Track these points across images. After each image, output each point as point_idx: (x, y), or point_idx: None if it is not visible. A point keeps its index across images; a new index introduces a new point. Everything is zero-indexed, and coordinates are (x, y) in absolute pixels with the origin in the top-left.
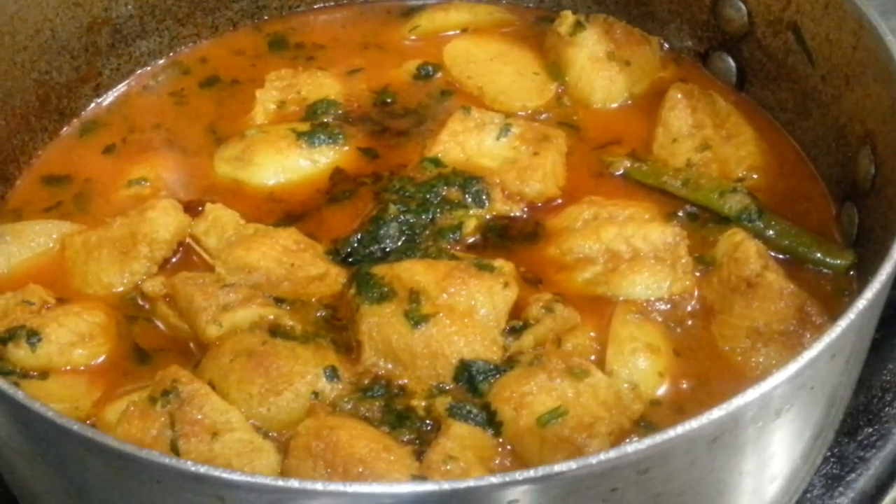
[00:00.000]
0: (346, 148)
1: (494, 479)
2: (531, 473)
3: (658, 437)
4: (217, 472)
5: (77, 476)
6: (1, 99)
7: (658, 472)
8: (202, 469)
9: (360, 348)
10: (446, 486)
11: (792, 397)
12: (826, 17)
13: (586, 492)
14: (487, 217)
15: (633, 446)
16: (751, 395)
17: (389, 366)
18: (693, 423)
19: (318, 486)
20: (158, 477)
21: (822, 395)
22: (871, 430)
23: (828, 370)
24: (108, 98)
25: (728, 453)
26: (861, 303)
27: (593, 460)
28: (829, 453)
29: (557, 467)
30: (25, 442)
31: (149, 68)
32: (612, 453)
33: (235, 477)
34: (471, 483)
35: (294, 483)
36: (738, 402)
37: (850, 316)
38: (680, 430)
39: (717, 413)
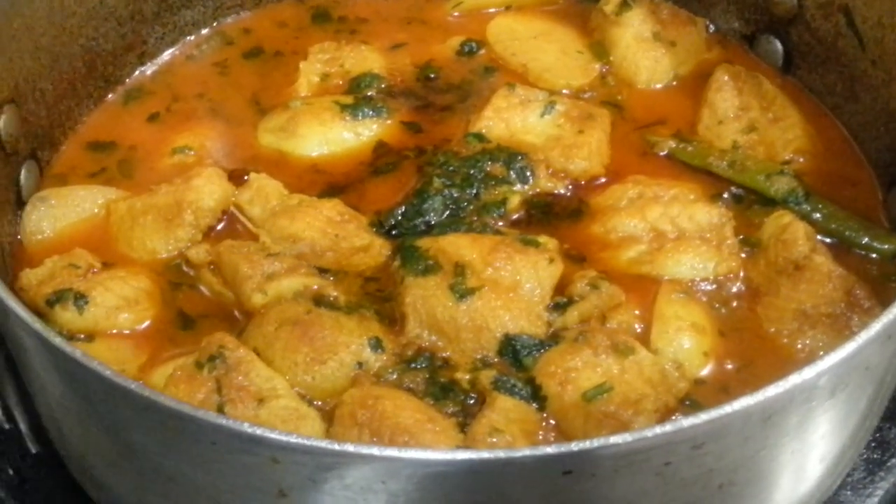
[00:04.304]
0: (390, 122)
1: (550, 450)
2: (587, 444)
3: (714, 413)
4: (274, 435)
5: (128, 436)
6: (48, 64)
7: (712, 448)
8: (258, 431)
9: (404, 320)
10: (501, 454)
11: (847, 377)
12: (879, 1)
13: (640, 465)
14: (531, 193)
15: (690, 421)
16: (807, 373)
17: (433, 338)
18: (749, 400)
19: (374, 450)
20: (214, 438)
21: (875, 377)
22: None
23: (883, 351)
24: (153, 66)
25: (780, 432)
26: None
27: (649, 433)
28: (870, 438)
29: (613, 439)
30: (78, 401)
31: (192, 38)
32: (669, 427)
33: (292, 439)
34: (526, 452)
35: (349, 447)
36: (794, 379)
37: None
38: (737, 405)
39: (772, 390)
